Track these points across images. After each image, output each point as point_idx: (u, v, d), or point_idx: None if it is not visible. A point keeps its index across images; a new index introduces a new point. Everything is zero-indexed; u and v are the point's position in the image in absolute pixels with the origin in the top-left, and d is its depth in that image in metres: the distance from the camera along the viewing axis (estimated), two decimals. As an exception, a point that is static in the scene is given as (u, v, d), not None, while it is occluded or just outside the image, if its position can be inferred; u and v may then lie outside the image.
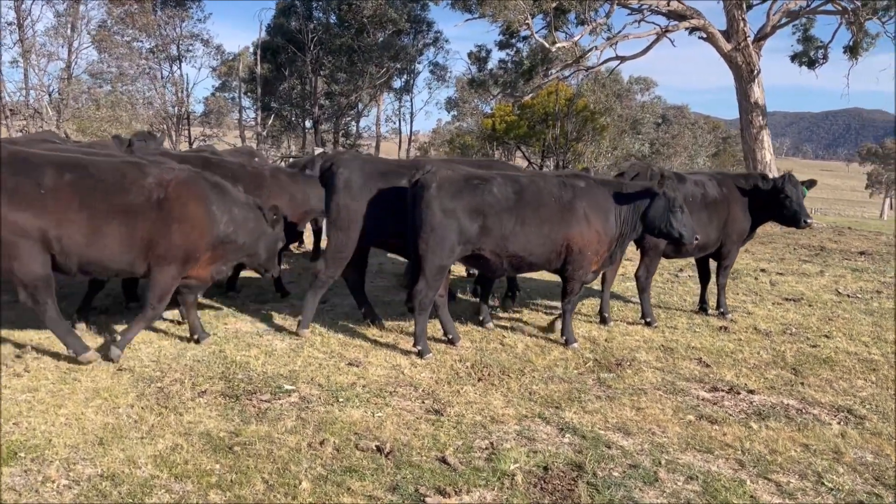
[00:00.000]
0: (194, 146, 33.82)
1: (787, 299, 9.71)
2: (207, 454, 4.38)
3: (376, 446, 4.56)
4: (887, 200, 79.60)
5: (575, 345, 6.96)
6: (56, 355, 5.94)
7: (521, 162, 39.24)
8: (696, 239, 6.96)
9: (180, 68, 36.73)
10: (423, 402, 5.41)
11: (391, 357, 6.41)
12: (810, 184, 8.61)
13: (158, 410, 4.99)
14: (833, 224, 23.06)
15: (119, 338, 6.14)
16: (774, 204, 8.18)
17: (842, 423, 5.40)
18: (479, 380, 5.95)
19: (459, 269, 10.03)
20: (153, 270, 5.91)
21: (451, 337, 6.87)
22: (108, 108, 23.74)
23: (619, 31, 23.70)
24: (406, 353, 6.53)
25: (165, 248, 5.83)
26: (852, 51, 23.65)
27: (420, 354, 6.42)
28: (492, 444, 4.76)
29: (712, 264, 8.71)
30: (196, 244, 6.01)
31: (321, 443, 4.60)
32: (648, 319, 7.87)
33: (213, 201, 6.11)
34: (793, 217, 8.13)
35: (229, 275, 7.41)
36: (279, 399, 5.32)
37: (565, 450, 4.70)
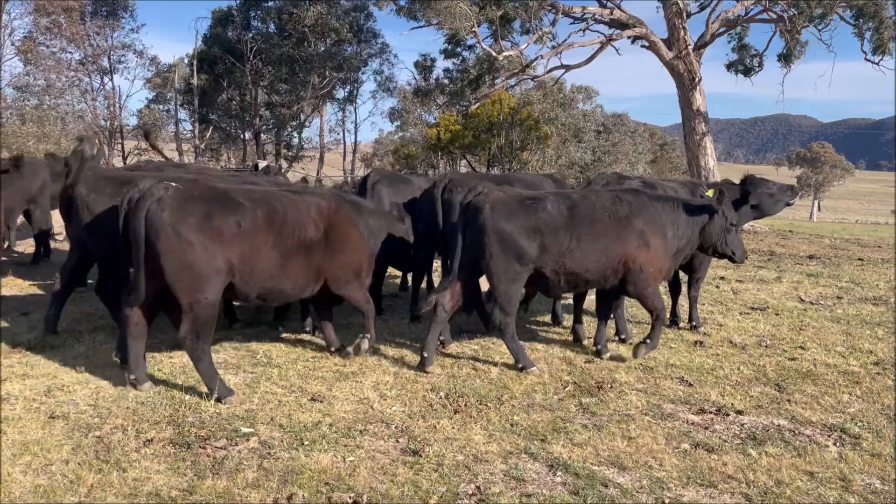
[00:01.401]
0: (129, 161, 32.45)
1: (753, 308, 9.58)
2: (158, 520, 3.80)
3: (352, 500, 4.06)
4: (815, 202, 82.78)
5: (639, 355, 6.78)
6: (-24, 403, 5.23)
7: (465, 170, 39.02)
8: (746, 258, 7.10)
9: (112, 80, 35.16)
10: (398, 441, 4.93)
11: (357, 389, 5.90)
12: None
13: (98, 466, 4.37)
14: (772, 227, 23.45)
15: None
16: (766, 204, 8.40)
17: (838, 444, 5.15)
18: (456, 412, 5.49)
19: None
20: (345, 292, 6.52)
21: (425, 356, 6.44)
22: (34, 123, 22.27)
23: (565, 40, 23.66)
24: (374, 384, 6.02)
25: (335, 271, 6.35)
26: (786, 58, 24.17)
27: (523, 369, 6.44)
28: (479, 488, 4.31)
29: (682, 276, 8.50)
30: (360, 262, 6.64)
31: (289, 498, 4.07)
32: (623, 336, 7.57)
33: (362, 219, 6.74)
34: (786, 197, 8.57)
35: None
36: (237, 445, 4.75)
37: (560, 491, 4.29)
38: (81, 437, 4.78)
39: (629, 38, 23.36)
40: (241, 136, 38.97)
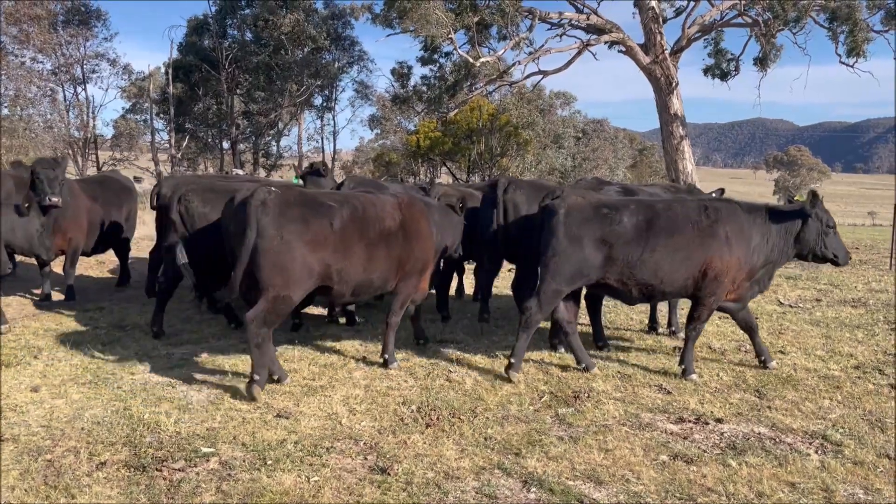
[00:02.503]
0: (100, 171, 31.89)
1: (732, 313, 9.45)
2: (105, 550, 3.57)
3: (314, 523, 3.85)
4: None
5: (693, 376, 6.52)
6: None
7: (446, 178, 38.93)
8: (850, 259, 6.99)
9: (85, 90, 34.58)
10: (366, 459, 4.72)
11: (326, 404, 5.68)
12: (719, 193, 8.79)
13: (45, 493, 4.13)
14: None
15: (387, 356, 6.71)
16: None
17: (819, 451, 5.01)
18: (428, 426, 5.29)
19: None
20: (400, 283, 6.61)
21: (584, 365, 6.63)
22: (3, 134, 21.76)
23: (542, 46, 23.61)
24: (343, 398, 5.81)
25: (412, 262, 6.56)
26: (762, 62, 24.28)
27: (508, 369, 6.38)
28: (449, 507, 4.11)
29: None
30: (429, 255, 6.82)
31: (247, 523, 3.86)
32: (601, 343, 7.40)
33: (431, 215, 6.89)
34: None
35: None
36: (195, 466, 4.52)
37: (533, 509, 4.10)
38: (31, 461, 4.53)
39: (606, 43, 23.37)
40: (219, 145, 38.55)
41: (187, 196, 7.40)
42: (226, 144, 37.57)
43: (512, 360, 6.36)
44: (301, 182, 10.03)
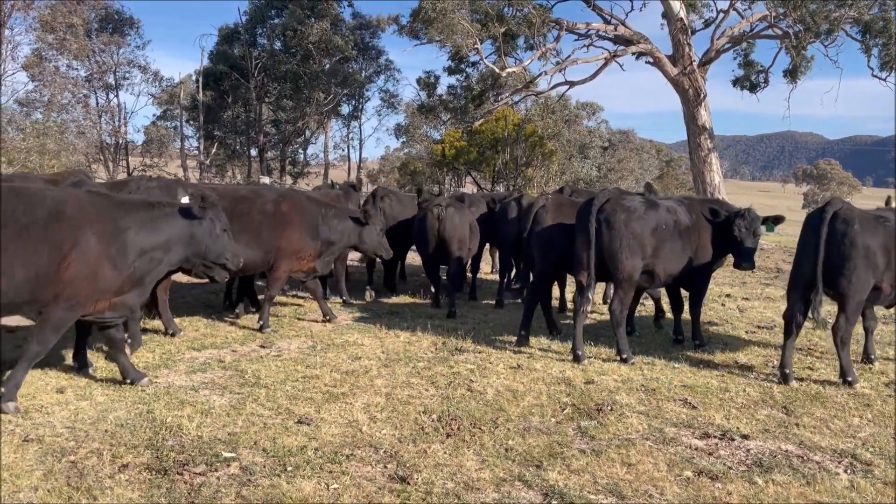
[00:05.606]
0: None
1: (759, 327, 9.33)
2: (125, 553, 3.58)
3: (333, 531, 3.83)
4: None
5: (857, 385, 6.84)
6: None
7: (470, 187, 38.96)
8: None
9: (117, 96, 35.23)
10: (386, 467, 4.69)
11: (347, 411, 5.67)
12: (776, 220, 8.37)
13: (68, 494, 4.16)
14: (779, 243, 23.13)
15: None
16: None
17: (848, 471, 4.89)
18: (448, 435, 5.26)
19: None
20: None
21: (787, 372, 6.79)
22: (34, 138, 22.20)
23: (568, 56, 23.55)
24: (364, 405, 5.80)
25: None
26: (792, 74, 23.96)
27: (852, 383, 6.66)
28: (468, 518, 4.07)
29: (684, 293, 8.27)
30: None
31: (266, 529, 3.85)
32: (625, 356, 7.31)
33: None
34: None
35: None
36: (216, 471, 4.53)
37: (554, 522, 4.05)
38: (54, 461, 4.58)
39: (633, 54, 23.25)
40: (247, 152, 38.99)
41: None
42: (253, 152, 37.97)
43: (849, 378, 6.67)
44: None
